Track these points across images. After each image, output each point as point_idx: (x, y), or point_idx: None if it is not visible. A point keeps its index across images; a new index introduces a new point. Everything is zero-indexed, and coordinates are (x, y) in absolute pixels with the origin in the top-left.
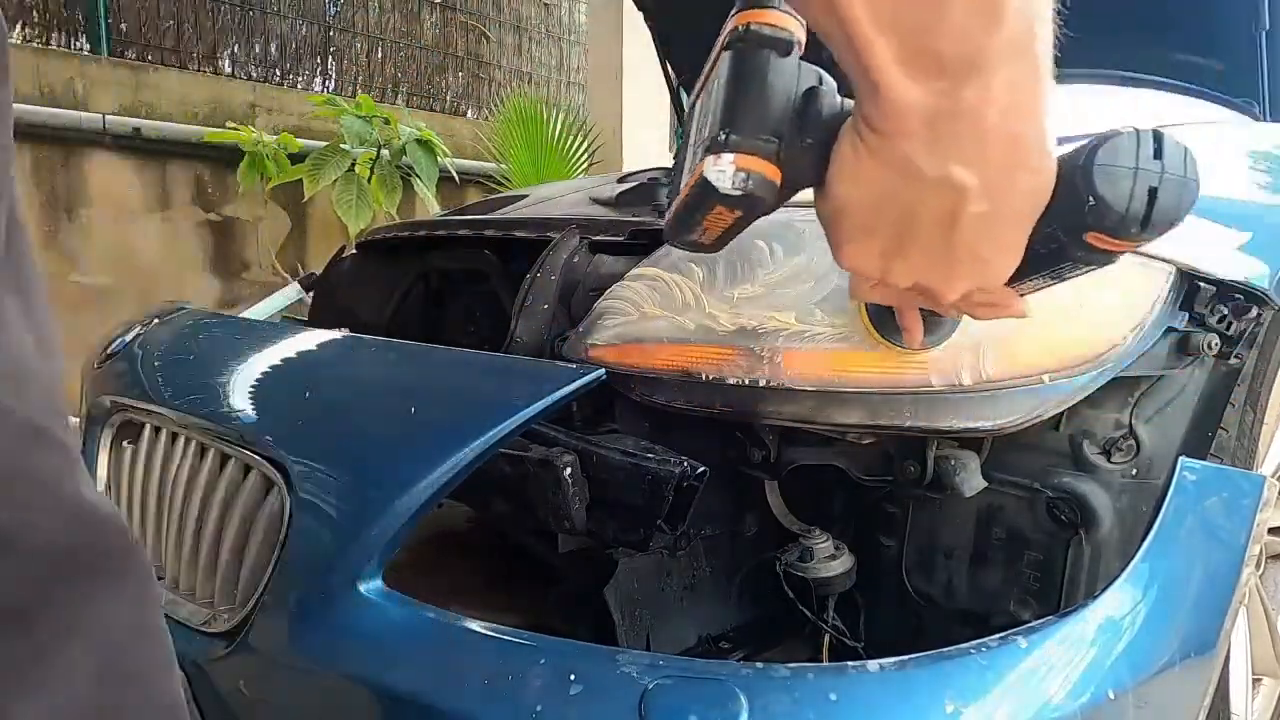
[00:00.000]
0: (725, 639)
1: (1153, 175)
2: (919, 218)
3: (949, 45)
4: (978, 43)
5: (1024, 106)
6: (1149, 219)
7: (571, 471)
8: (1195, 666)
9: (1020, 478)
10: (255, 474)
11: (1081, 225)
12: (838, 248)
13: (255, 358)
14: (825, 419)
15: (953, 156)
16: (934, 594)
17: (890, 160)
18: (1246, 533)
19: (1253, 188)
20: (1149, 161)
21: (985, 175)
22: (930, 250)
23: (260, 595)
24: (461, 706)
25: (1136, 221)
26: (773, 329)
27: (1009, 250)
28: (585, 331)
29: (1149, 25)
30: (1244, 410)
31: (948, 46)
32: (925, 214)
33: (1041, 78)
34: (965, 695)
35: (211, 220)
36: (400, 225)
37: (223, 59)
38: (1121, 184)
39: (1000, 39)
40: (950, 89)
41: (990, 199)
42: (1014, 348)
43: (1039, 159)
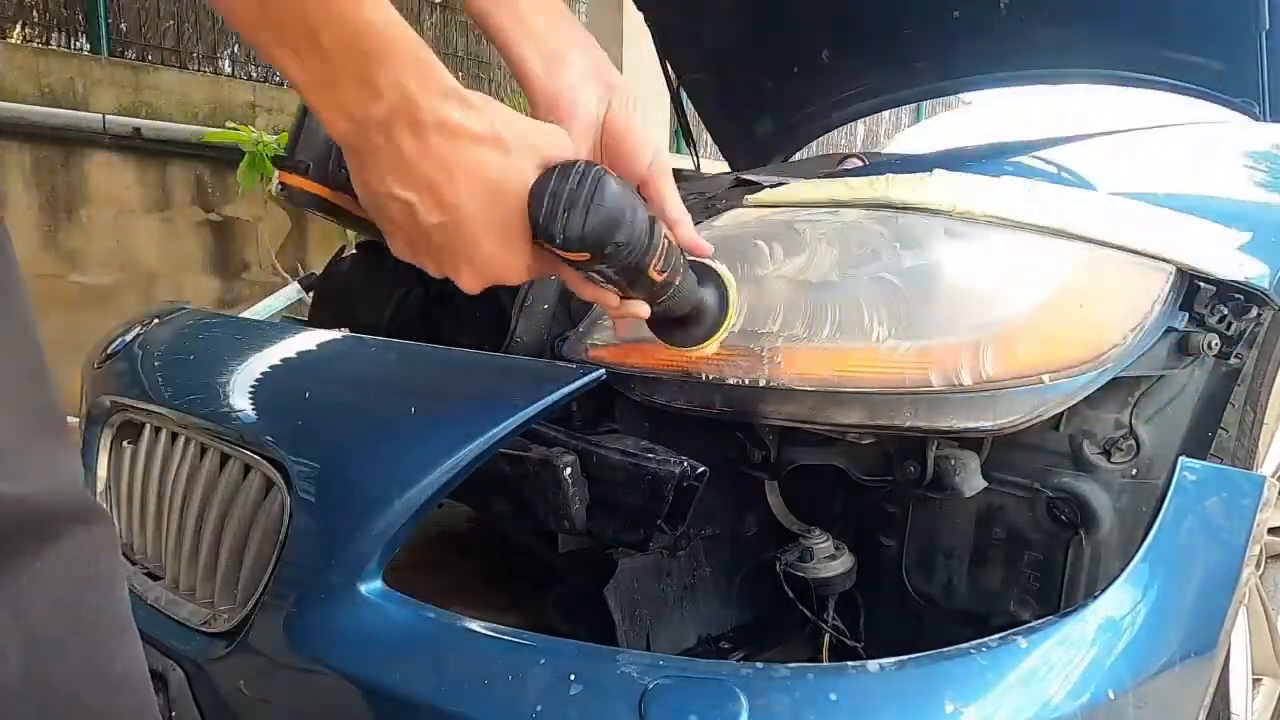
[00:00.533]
0: (725, 639)
1: (575, 203)
2: (399, 222)
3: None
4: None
5: (435, 150)
6: (568, 236)
7: (571, 471)
8: (1195, 666)
9: (1020, 478)
10: (255, 474)
11: (539, 235)
12: (388, 243)
13: (255, 358)
14: (825, 419)
15: (388, 178)
16: (934, 594)
17: (356, 175)
18: (1246, 533)
19: (1252, 188)
20: (574, 190)
21: (423, 195)
22: (429, 248)
23: (260, 595)
24: (461, 706)
25: (560, 235)
26: (772, 329)
27: (495, 251)
28: (585, 331)
29: (1149, 25)
30: (1244, 410)
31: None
32: (399, 219)
33: (446, 132)
34: (965, 695)
35: (211, 220)
36: None
37: (223, 59)
38: (549, 206)
39: (381, 107)
40: (359, 130)
41: (442, 213)
42: (1014, 348)
43: (469, 184)
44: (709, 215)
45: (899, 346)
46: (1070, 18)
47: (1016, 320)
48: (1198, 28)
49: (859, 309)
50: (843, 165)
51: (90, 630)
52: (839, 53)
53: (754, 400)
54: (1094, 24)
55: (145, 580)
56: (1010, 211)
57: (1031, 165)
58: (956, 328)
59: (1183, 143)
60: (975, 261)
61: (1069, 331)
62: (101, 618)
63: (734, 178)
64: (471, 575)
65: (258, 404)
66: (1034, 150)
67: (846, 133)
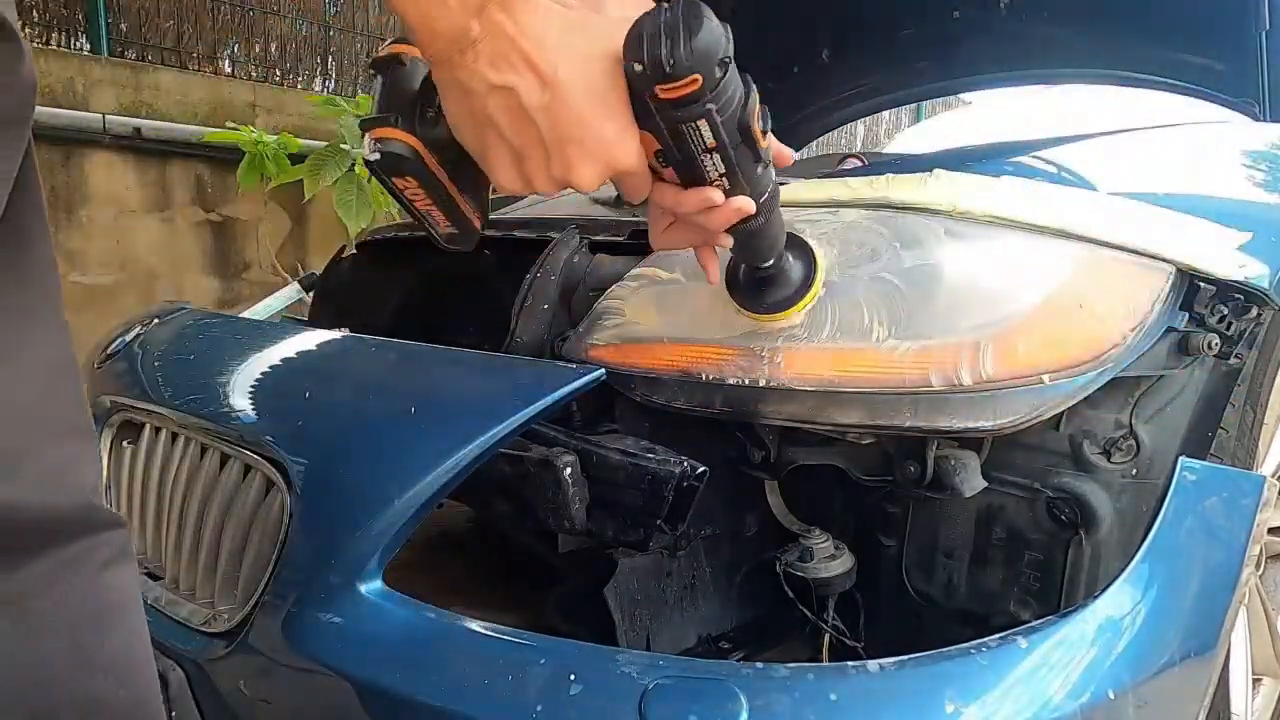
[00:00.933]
0: (725, 639)
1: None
2: (503, 123)
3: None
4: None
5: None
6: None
7: (571, 471)
8: (1195, 666)
9: (1020, 478)
10: (255, 474)
11: (645, 89)
12: (491, 176)
13: (255, 358)
14: (825, 419)
15: (487, 70)
16: (934, 594)
17: (452, 87)
18: (1246, 533)
19: (1252, 188)
20: (670, 18)
21: (524, 74)
22: (536, 145)
23: (260, 595)
24: (461, 706)
25: (668, 60)
26: (773, 329)
27: (602, 125)
28: (585, 331)
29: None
30: (1244, 410)
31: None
32: (504, 117)
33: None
34: (965, 695)
35: (211, 220)
36: (400, 225)
37: (223, 59)
38: (650, 40)
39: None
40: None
41: (544, 90)
42: (1014, 348)
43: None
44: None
45: (899, 346)
46: (1070, 18)
47: (1016, 320)
48: (1198, 28)
49: (859, 309)
50: (842, 165)
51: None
52: (839, 53)
53: (754, 400)
54: (1094, 24)
55: (145, 580)
56: (1010, 211)
57: (1031, 165)
58: (956, 328)
59: (1183, 143)
60: (975, 261)
61: (1069, 331)
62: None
63: None
64: (471, 575)
65: (258, 404)
66: (1034, 150)
67: (846, 133)
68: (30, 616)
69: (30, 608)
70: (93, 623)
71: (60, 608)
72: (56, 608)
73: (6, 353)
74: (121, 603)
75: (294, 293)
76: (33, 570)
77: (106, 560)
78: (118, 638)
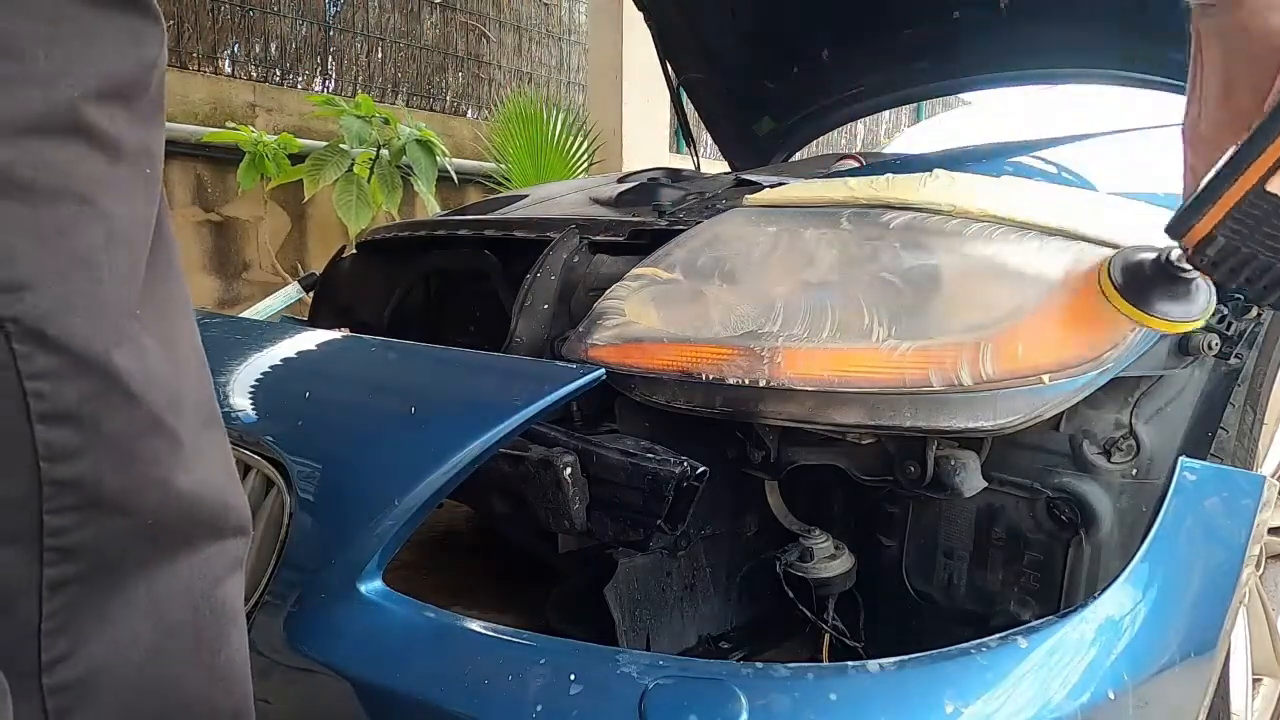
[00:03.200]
0: (725, 639)
1: None
2: None
3: None
4: None
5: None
6: None
7: (571, 471)
8: (1195, 666)
9: (1020, 478)
10: (255, 474)
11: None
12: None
13: (255, 358)
14: (825, 419)
15: None
16: (934, 594)
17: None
18: (1246, 533)
19: None
20: None
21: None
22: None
23: (260, 595)
24: (461, 706)
25: None
26: (772, 329)
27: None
28: (585, 331)
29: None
30: (1244, 410)
31: None
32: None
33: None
34: (965, 695)
35: (211, 220)
36: (400, 225)
37: (223, 59)
38: None
39: None
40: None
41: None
42: (1014, 348)
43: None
44: (709, 215)
45: (899, 346)
46: (1070, 18)
47: (1016, 320)
48: None
49: (859, 309)
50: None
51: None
52: (839, 53)
53: (754, 400)
54: (1094, 24)
55: None
56: (1010, 211)
57: (1031, 165)
58: (956, 328)
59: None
60: (975, 261)
61: (1069, 331)
62: (214, 617)
63: (734, 178)
64: (471, 575)
65: (258, 404)
66: (1034, 150)
67: (846, 133)
68: (169, 619)
69: (170, 610)
70: (216, 631)
71: (194, 613)
72: (191, 612)
73: (167, 338)
74: (237, 611)
75: (294, 293)
76: (177, 570)
77: (230, 568)
78: (231, 648)
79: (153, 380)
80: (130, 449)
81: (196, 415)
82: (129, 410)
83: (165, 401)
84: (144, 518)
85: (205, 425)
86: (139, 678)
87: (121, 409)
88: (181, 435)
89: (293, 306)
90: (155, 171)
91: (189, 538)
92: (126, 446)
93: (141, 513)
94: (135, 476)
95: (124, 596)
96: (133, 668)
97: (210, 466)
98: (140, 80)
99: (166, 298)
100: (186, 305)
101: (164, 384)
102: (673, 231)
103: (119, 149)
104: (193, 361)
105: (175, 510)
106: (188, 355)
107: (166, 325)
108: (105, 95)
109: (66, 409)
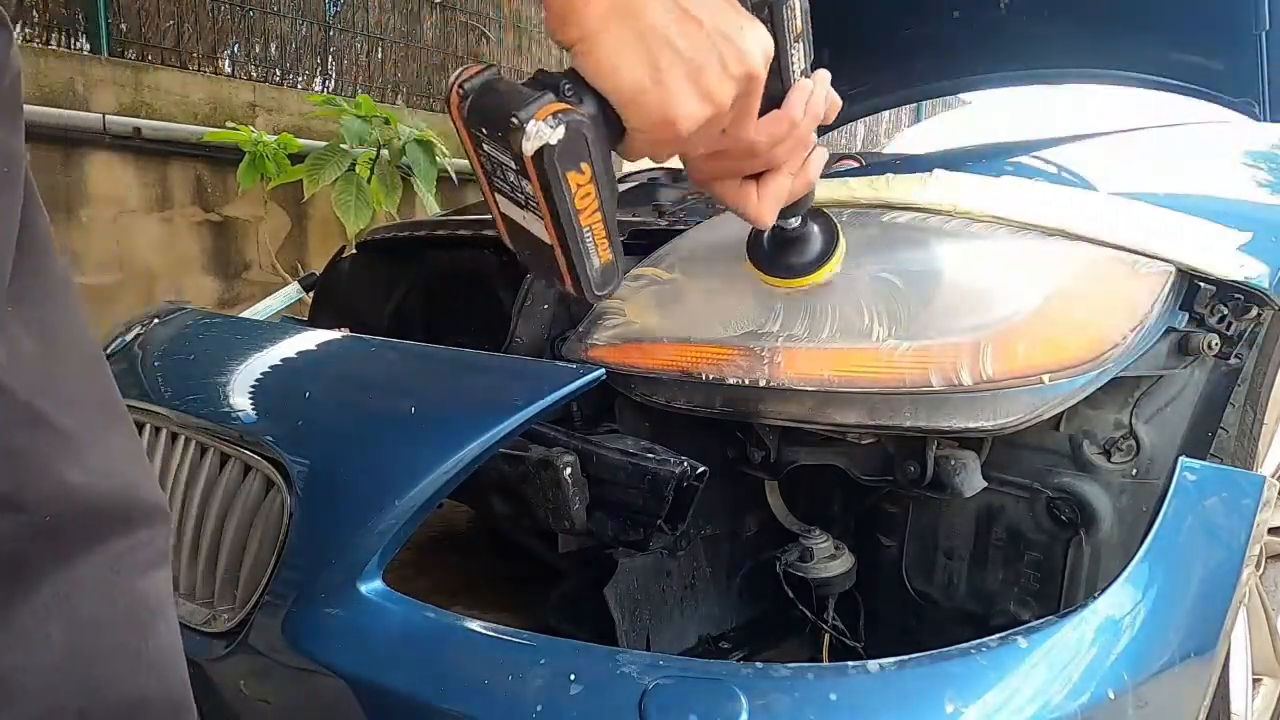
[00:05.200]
0: (725, 639)
1: None
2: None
3: None
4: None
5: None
6: None
7: (571, 471)
8: (1195, 666)
9: (1020, 478)
10: (255, 474)
11: None
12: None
13: (255, 358)
14: (825, 419)
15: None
16: (934, 594)
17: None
18: (1246, 533)
19: (1253, 188)
20: None
21: None
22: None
23: (260, 595)
24: (461, 706)
25: None
26: (772, 329)
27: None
28: (585, 331)
29: (1149, 25)
30: (1244, 410)
31: None
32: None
33: None
34: (965, 695)
35: (211, 220)
36: (400, 225)
37: (223, 59)
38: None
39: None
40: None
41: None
42: (1014, 348)
43: None
44: (709, 215)
45: (899, 346)
46: (1070, 18)
47: (1016, 320)
48: (1198, 28)
49: (859, 309)
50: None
51: (128, 617)
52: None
53: (754, 400)
54: (1093, 24)
55: None
56: (1010, 211)
57: (1031, 165)
58: (956, 328)
59: (1183, 143)
60: (975, 261)
61: (1069, 331)
62: (137, 608)
63: None
64: (471, 575)
65: (258, 404)
66: (1034, 150)
67: (846, 133)
68: (83, 615)
69: (82, 606)
70: (138, 623)
71: (110, 606)
72: (108, 606)
73: (44, 334)
74: (162, 601)
75: (294, 293)
76: (85, 566)
77: (150, 560)
78: (159, 637)
79: (23, 372)
80: (7, 444)
81: (86, 405)
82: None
83: (41, 393)
84: (38, 514)
85: (99, 415)
86: (56, 678)
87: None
88: (68, 427)
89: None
90: (15, 171)
91: (94, 532)
92: (3, 441)
93: (34, 509)
94: (18, 471)
95: (29, 598)
96: (47, 669)
97: (108, 457)
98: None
99: (41, 291)
100: (66, 298)
101: (37, 375)
102: (673, 231)
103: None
104: (76, 351)
105: (72, 504)
106: (69, 346)
107: (40, 316)
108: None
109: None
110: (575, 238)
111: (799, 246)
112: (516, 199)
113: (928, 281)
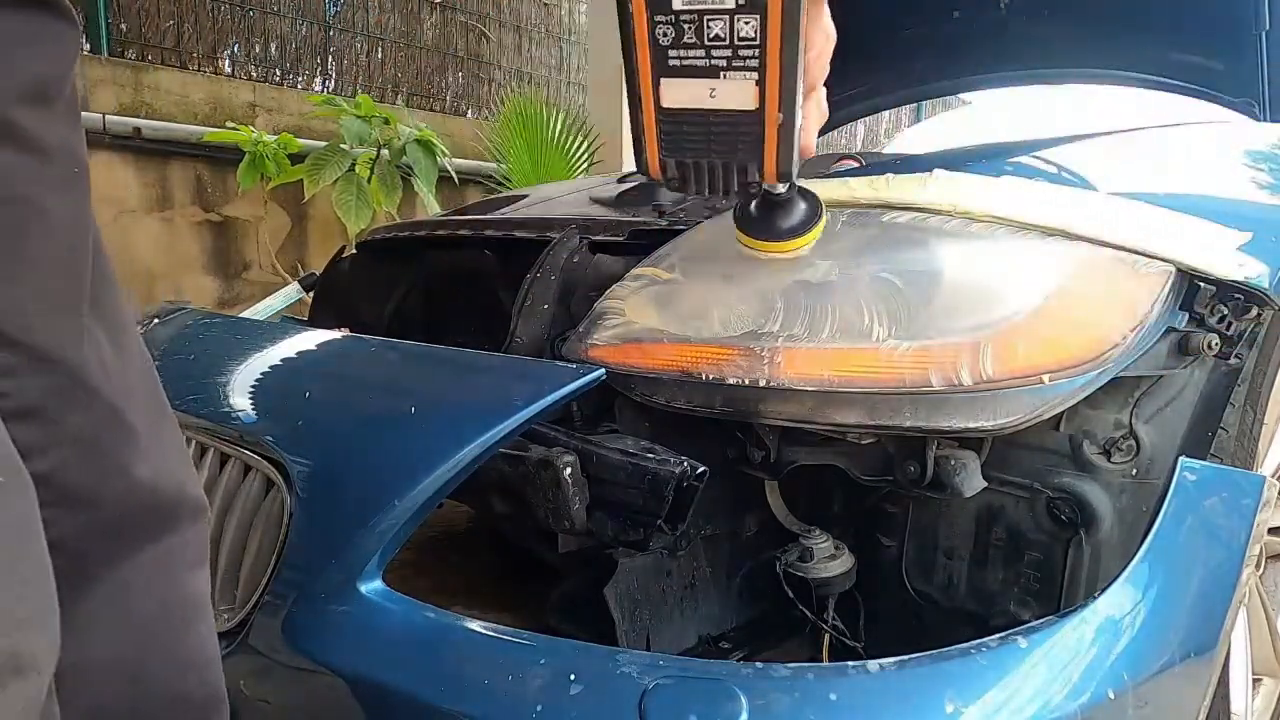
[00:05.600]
0: (725, 639)
1: None
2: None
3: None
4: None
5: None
6: None
7: (571, 471)
8: (1195, 666)
9: (1020, 478)
10: (255, 474)
11: None
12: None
13: (255, 358)
14: (825, 419)
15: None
16: (934, 594)
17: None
18: (1246, 533)
19: (1252, 188)
20: None
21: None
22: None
23: (260, 595)
24: (461, 706)
25: None
26: (772, 329)
27: None
28: (585, 331)
29: (1149, 25)
30: (1244, 410)
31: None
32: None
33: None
34: (965, 695)
35: (211, 220)
36: (400, 225)
37: (223, 59)
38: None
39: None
40: None
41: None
42: (1014, 348)
43: None
44: (709, 215)
45: (899, 346)
46: (1070, 18)
47: (1016, 320)
48: (1198, 28)
49: (859, 309)
50: (839, 165)
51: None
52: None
53: (754, 400)
54: (1094, 24)
55: None
56: (1010, 211)
57: (1031, 165)
58: (956, 328)
59: (1183, 143)
60: (975, 261)
61: (1069, 331)
62: (178, 607)
63: None
64: (471, 575)
65: (258, 404)
66: (1034, 150)
67: (846, 133)
68: (133, 613)
69: (134, 604)
70: (184, 620)
71: (158, 604)
72: (157, 604)
73: (114, 336)
74: (203, 600)
75: (294, 293)
76: (138, 564)
77: (195, 559)
78: (201, 635)
79: (108, 373)
80: (93, 442)
81: (148, 405)
82: (89, 404)
83: (120, 393)
84: (109, 510)
85: (157, 415)
86: (109, 674)
87: (82, 403)
88: (137, 426)
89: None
90: (82, 171)
91: (149, 529)
92: (89, 440)
93: (106, 505)
94: (99, 469)
95: (90, 593)
96: (102, 664)
97: (165, 455)
98: (59, 81)
99: (108, 293)
100: (121, 299)
101: (117, 376)
102: (673, 231)
103: (46, 151)
104: (138, 353)
105: (136, 501)
106: (132, 347)
107: (111, 319)
108: (28, 98)
109: (30, 406)
110: (797, 90)
111: (783, 212)
112: (711, 64)
113: (928, 281)
